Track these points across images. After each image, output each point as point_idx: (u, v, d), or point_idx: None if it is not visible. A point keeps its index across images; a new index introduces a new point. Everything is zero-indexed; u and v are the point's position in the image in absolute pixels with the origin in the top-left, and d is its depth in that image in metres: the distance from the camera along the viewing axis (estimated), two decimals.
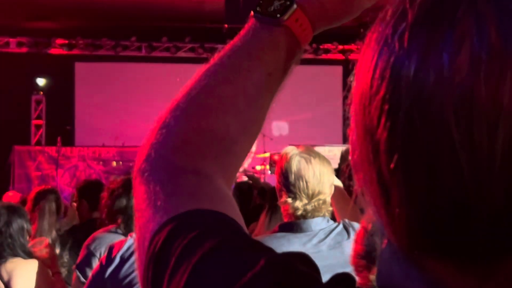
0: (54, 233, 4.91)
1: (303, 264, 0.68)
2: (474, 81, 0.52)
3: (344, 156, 5.45)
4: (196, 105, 0.89)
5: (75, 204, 6.24)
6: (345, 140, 15.95)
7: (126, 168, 13.83)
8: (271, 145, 12.52)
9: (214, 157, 0.87)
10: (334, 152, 10.59)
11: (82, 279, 3.59)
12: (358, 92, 0.62)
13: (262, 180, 10.98)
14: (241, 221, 0.79)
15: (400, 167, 0.55)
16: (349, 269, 1.95)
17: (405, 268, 0.61)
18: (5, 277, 3.57)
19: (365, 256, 1.96)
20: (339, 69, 16.59)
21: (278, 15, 0.90)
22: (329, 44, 16.09)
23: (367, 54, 0.61)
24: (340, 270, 0.74)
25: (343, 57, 16.33)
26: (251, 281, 0.65)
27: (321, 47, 16.02)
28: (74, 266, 3.77)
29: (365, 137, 0.59)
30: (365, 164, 0.60)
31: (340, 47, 16.14)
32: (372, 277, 1.89)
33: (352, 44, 16.13)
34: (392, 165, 0.55)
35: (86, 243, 3.76)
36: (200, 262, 0.69)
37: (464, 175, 0.52)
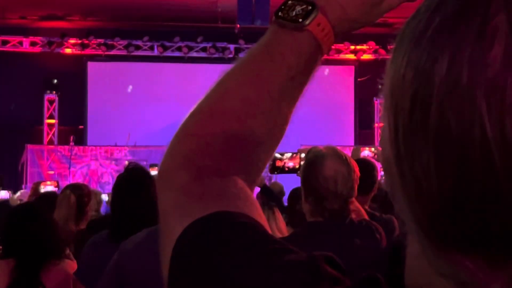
0: (69, 227, 4.91)
1: (329, 265, 0.68)
2: (507, 75, 0.53)
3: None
4: (219, 108, 0.90)
5: None
6: (356, 141, 15.93)
7: None
8: (282, 145, 12.48)
9: (238, 160, 0.89)
10: (346, 152, 10.56)
11: None
12: (390, 88, 0.62)
13: (272, 180, 10.97)
14: (264, 222, 0.80)
15: (433, 160, 0.56)
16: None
17: (435, 264, 0.61)
18: None
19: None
20: (350, 69, 16.56)
21: (300, 20, 0.90)
22: (341, 45, 16.07)
23: (399, 51, 0.62)
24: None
25: (355, 57, 16.31)
26: (278, 283, 0.65)
27: (332, 47, 15.95)
28: None
29: (396, 131, 0.60)
30: (396, 159, 0.60)
31: (352, 47, 16.11)
32: None
33: (364, 45, 16.11)
34: (424, 158, 0.56)
35: None
36: (228, 266, 0.70)
37: (496, 167, 0.53)
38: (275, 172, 5.64)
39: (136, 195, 3.42)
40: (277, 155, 5.61)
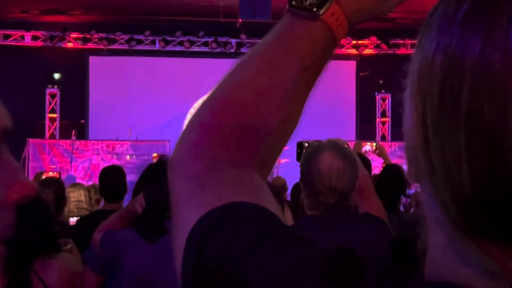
0: None
1: (348, 258, 0.68)
2: None
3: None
4: (233, 98, 0.88)
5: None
6: (357, 136, 15.91)
7: (140, 162, 13.87)
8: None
9: (252, 150, 0.88)
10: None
11: None
12: (417, 75, 0.62)
13: (274, 175, 10.96)
14: (279, 213, 0.78)
15: (464, 146, 0.56)
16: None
17: (462, 254, 0.61)
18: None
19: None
20: (352, 64, 16.53)
21: (315, 9, 0.88)
22: (343, 39, 16.00)
23: (426, 37, 0.61)
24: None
25: (357, 52, 16.28)
26: (298, 275, 0.65)
27: None
28: None
29: (423, 118, 0.60)
30: (423, 146, 0.60)
31: (354, 42, 16.08)
32: None
33: (365, 39, 16.07)
34: (455, 144, 0.56)
35: None
36: (245, 257, 0.69)
37: None
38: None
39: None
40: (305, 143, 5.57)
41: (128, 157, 14.46)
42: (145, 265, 3.26)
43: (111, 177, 5.23)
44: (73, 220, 5.90)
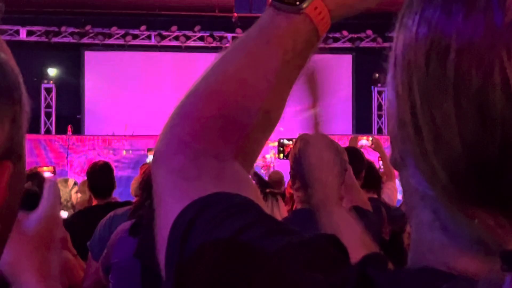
0: None
1: (331, 245, 0.68)
2: None
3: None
4: (216, 90, 0.89)
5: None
6: (354, 130, 15.92)
7: (136, 157, 13.87)
8: (280, 134, 12.48)
9: (235, 143, 0.88)
10: (343, 141, 10.56)
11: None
12: (401, 49, 0.63)
13: (271, 169, 10.96)
14: (261, 204, 0.79)
15: (453, 107, 0.57)
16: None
17: (451, 226, 0.61)
18: None
19: None
20: (348, 58, 16.53)
21: (297, 3, 0.89)
22: (338, 33, 16.03)
23: (408, 14, 0.63)
24: None
25: (353, 46, 16.28)
26: (280, 263, 0.65)
27: (330, 35, 15.96)
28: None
29: (410, 89, 0.61)
30: (411, 117, 0.61)
31: (349, 35, 16.08)
32: None
33: (362, 33, 16.07)
34: (444, 109, 0.57)
35: None
36: (230, 245, 0.68)
37: None
38: (284, 158, 5.65)
39: None
40: (286, 141, 5.59)
41: (124, 152, 14.46)
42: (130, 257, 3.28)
43: (99, 174, 5.23)
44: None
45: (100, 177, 5.20)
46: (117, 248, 3.38)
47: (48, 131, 15.75)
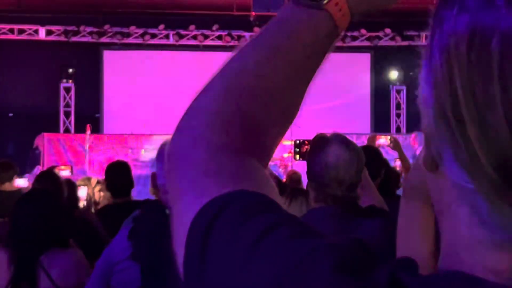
0: None
1: (358, 249, 0.66)
2: None
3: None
4: (235, 85, 0.87)
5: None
6: (372, 129, 15.87)
7: (154, 156, 13.90)
8: (298, 132, 12.45)
9: (253, 138, 0.86)
10: (361, 140, 10.53)
11: None
12: (439, 42, 0.63)
13: (288, 168, 10.94)
14: (281, 202, 0.77)
15: (499, 91, 0.56)
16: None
17: (494, 220, 0.60)
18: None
19: None
20: (367, 56, 16.48)
21: None
22: (357, 31, 15.98)
23: (444, 7, 0.63)
24: None
25: (371, 45, 16.22)
26: (308, 267, 0.63)
27: (348, 34, 15.90)
28: None
29: (451, 79, 0.60)
30: (453, 107, 0.60)
31: (368, 34, 16.03)
32: None
33: (380, 31, 16.01)
34: (489, 92, 0.57)
35: None
36: (253, 249, 0.67)
37: None
38: (300, 158, 5.65)
39: None
40: (302, 142, 5.58)
41: (142, 151, 14.49)
42: None
43: (117, 173, 5.25)
44: None
45: (118, 176, 5.21)
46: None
47: (67, 130, 15.82)
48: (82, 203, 5.88)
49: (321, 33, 0.89)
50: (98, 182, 6.54)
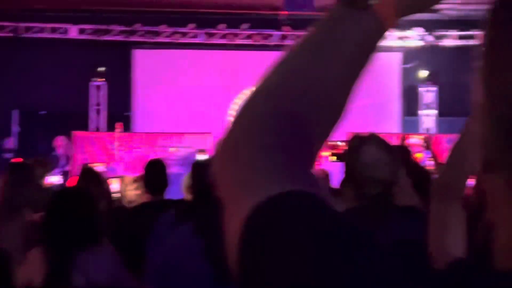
0: None
1: (416, 253, 0.67)
2: None
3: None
4: (286, 85, 0.87)
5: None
6: (401, 128, 15.78)
7: (184, 154, 13.95)
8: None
9: (300, 140, 0.85)
10: (392, 140, 10.47)
11: None
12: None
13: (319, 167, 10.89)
14: (331, 202, 0.74)
15: None
16: None
17: None
18: None
19: None
20: (397, 56, 16.38)
21: None
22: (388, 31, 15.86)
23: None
24: None
25: (401, 44, 16.12)
26: (384, 267, 0.62)
27: None
28: None
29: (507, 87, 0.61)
30: (506, 118, 0.61)
31: (399, 34, 15.93)
32: None
33: (410, 31, 15.91)
34: None
35: None
36: (311, 250, 0.65)
37: None
38: (338, 160, 5.65)
39: None
40: (339, 143, 5.58)
41: (172, 149, 14.54)
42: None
43: (155, 171, 5.29)
44: None
45: (155, 174, 5.27)
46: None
47: (97, 129, 15.93)
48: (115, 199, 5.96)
49: (368, 34, 0.90)
50: (135, 181, 6.59)
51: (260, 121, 0.84)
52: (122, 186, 6.43)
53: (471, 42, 15.82)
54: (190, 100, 15.64)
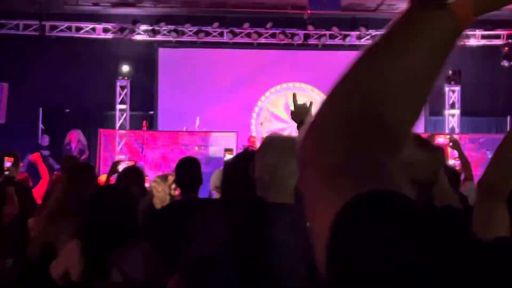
0: None
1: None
2: None
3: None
4: (363, 86, 0.85)
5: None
6: (427, 128, 15.69)
7: (208, 152, 13.98)
8: None
9: (384, 139, 0.84)
10: None
11: None
12: None
13: None
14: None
15: None
16: None
17: None
18: None
19: None
20: None
21: None
22: None
23: None
24: None
25: None
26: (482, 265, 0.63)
27: None
28: None
29: None
30: None
31: None
32: None
33: None
34: None
35: None
36: (402, 253, 0.66)
37: None
38: None
39: None
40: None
41: (196, 148, 14.58)
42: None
43: (187, 169, 5.30)
44: None
45: (187, 172, 5.27)
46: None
47: (122, 127, 16.00)
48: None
49: (445, 33, 0.88)
50: (164, 178, 6.60)
51: (340, 124, 0.83)
52: (154, 184, 6.45)
53: (494, 41, 15.76)
54: (214, 98, 15.67)
